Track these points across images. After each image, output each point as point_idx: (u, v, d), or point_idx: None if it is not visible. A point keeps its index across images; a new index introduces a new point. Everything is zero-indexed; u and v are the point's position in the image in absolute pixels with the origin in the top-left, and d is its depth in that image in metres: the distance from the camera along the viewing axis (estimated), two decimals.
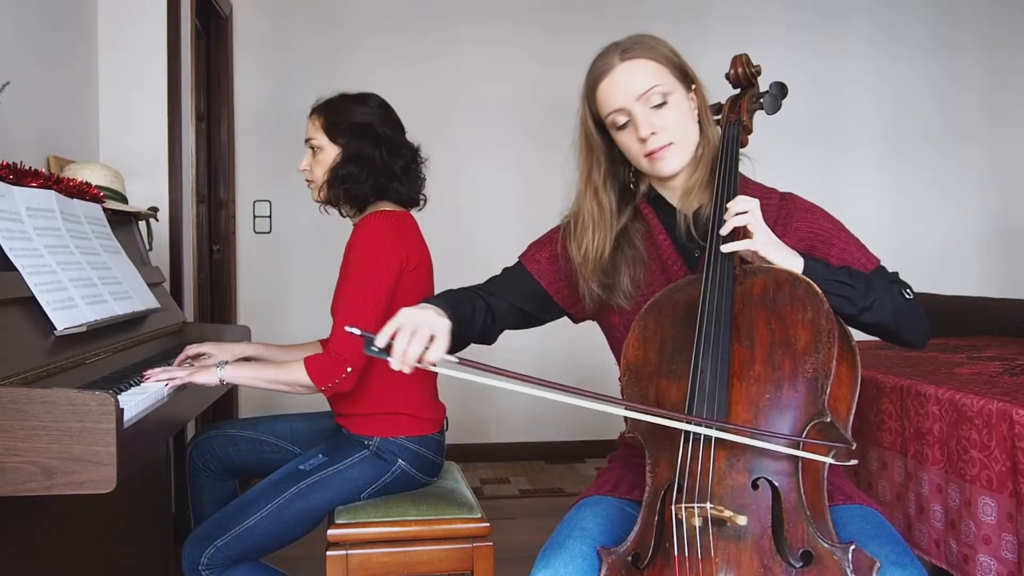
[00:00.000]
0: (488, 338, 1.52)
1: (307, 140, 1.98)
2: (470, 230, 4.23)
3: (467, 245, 4.22)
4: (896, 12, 4.55)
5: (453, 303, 1.39)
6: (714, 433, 1.16)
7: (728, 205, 1.29)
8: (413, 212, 2.05)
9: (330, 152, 1.95)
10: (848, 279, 1.29)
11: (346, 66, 4.11)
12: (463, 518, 1.86)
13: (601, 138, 1.45)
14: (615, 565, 1.19)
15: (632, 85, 1.37)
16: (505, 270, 1.57)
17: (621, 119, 1.39)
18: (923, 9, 4.57)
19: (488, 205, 4.27)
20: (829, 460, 1.18)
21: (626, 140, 1.40)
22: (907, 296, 1.35)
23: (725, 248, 1.27)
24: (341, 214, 2.04)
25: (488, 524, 1.87)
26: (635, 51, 1.38)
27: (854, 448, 1.22)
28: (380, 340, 1.23)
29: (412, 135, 2.07)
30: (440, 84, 4.22)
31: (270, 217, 4.13)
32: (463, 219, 4.21)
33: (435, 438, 1.96)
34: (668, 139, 1.37)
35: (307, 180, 2.01)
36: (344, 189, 1.93)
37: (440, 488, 1.99)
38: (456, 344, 1.37)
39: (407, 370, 1.23)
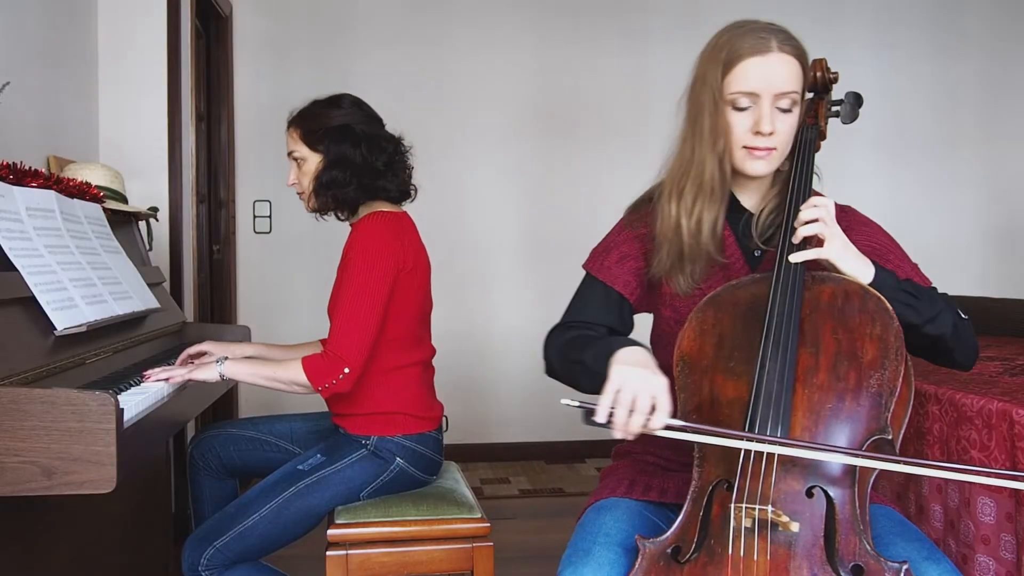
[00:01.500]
0: None
1: (289, 153, 1.99)
2: (469, 230, 4.22)
3: (466, 245, 4.22)
4: (895, 13, 4.55)
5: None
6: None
7: (801, 209, 1.28)
8: (410, 210, 2.05)
9: (312, 161, 1.95)
10: (914, 290, 1.29)
11: (346, 66, 4.11)
12: (463, 518, 1.86)
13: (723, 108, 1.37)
14: (654, 555, 1.18)
15: (778, 79, 1.31)
16: (585, 293, 1.48)
17: (746, 102, 1.32)
18: (923, 10, 4.57)
19: (487, 205, 4.27)
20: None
21: (737, 122, 1.34)
22: (963, 316, 1.35)
23: (794, 258, 1.26)
24: (338, 218, 2.04)
25: (488, 524, 1.87)
26: (792, 46, 1.34)
27: None
28: (600, 416, 1.15)
29: (411, 134, 2.06)
30: (440, 84, 4.22)
31: (270, 217, 4.13)
32: (462, 219, 4.21)
33: (433, 436, 1.96)
34: (776, 143, 1.34)
35: (298, 193, 2.02)
36: (331, 195, 1.93)
37: (440, 488, 1.99)
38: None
39: (630, 438, 1.16)
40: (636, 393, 1.14)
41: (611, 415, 1.14)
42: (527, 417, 4.30)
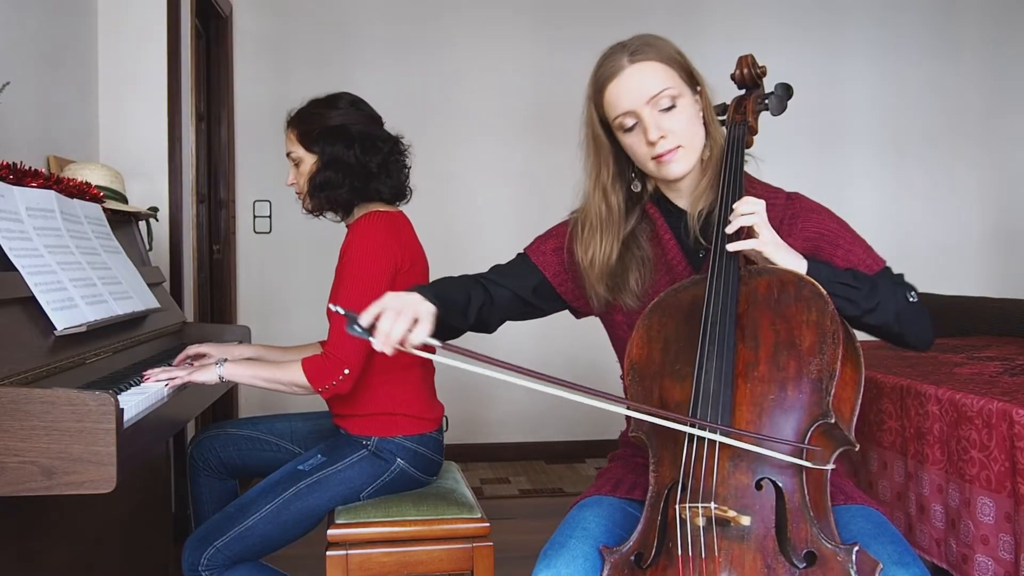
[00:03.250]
0: (487, 326, 1.52)
1: (288, 154, 1.99)
2: (468, 230, 4.23)
3: (465, 245, 4.22)
4: (896, 11, 4.55)
5: (442, 291, 1.39)
6: (717, 438, 1.16)
7: (734, 206, 1.29)
8: (407, 210, 2.05)
9: (308, 162, 1.95)
10: (852, 281, 1.29)
11: (346, 66, 4.12)
12: (463, 518, 1.86)
13: (608, 139, 1.44)
14: (617, 564, 1.19)
15: (642, 88, 1.35)
16: (510, 261, 1.56)
17: (629, 121, 1.37)
18: (923, 9, 4.57)
19: (486, 205, 4.27)
20: (829, 466, 1.19)
21: (633, 143, 1.39)
22: (912, 299, 1.35)
23: (730, 247, 1.27)
24: (332, 219, 2.03)
25: (488, 524, 1.87)
26: (644, 53, 1.37)
27: (857, 449, 1.23)
28: (364, 320, 1.24)
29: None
30: (438, 83, 4.22)
31: (270, 217, 4.13)
32: (461, 219, 4.21)
33: (433, 437, 1.96)
34: (676, 142, 1.36)
35: (296, 194, 2.02)
36: (324, 196, 1.93)
37: (440, 488, 1.99)
38: (447, 332, 1.38)
39: (389, 351, 1.24)
40: (401, 308, 1.25)
41: (375, 326, 1.23)
42: (527, 417, 4.30)
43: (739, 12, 4.34)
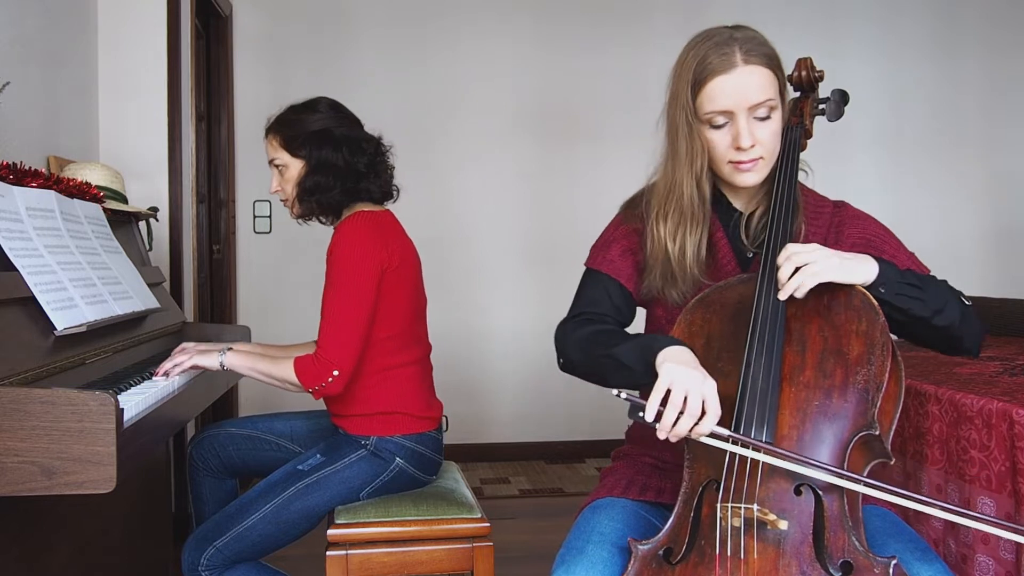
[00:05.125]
0: None
1: (270, 161, 1.99)
2: (469, 230, 4.22)
3: (466, 245, 4.22)
4: (897, 13, 4.55)
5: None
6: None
7: (778, 262, 1.24)
8: (402, 208, 2.05)
9: (294, 167, 1.95)
10: (918, 282, 1.27)
11: (346, 66, 4.12)
12: (463, 518, 1.86)
13: (699, 128, 1.36)
14: (646, 557, 1.18)
15: (748, 93, 1.30)
16: (588, 288, 1.47)
17: (722, 120, 1.32)
18: (924, 10, 4.57)
19: (487, 205, 4.27)
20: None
21: (717, 140, 1.33)
22: (966, 302, 1.33)
23: (781, 295, 1.23)
24: (320, 222, 2.03)
25: (488, 524, 1.87)
26: (757, 54, 1.31)
27: (892, 463, 1.21)
28: (649, 414, 1.14)
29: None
30: (439, 84, 4.22)
31: (270, 217, 4.13)
32: (462, 219, 4.21)
33: (432, 436, 1.96)
34: (760, 153, 1.33)
35: (282, 200, 2.02)
36: (315, 200, 1.93)
37: (440, 488, 1.99)
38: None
39: (673, 440, 1.16)
40: (688, 393, 1.13)
41: (658, 415, 1.13)
42: (527, 417, 4.30)
43: (741, 13, 4.32)
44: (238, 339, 2.40)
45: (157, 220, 2.65)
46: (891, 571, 1.09)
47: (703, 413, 1.13)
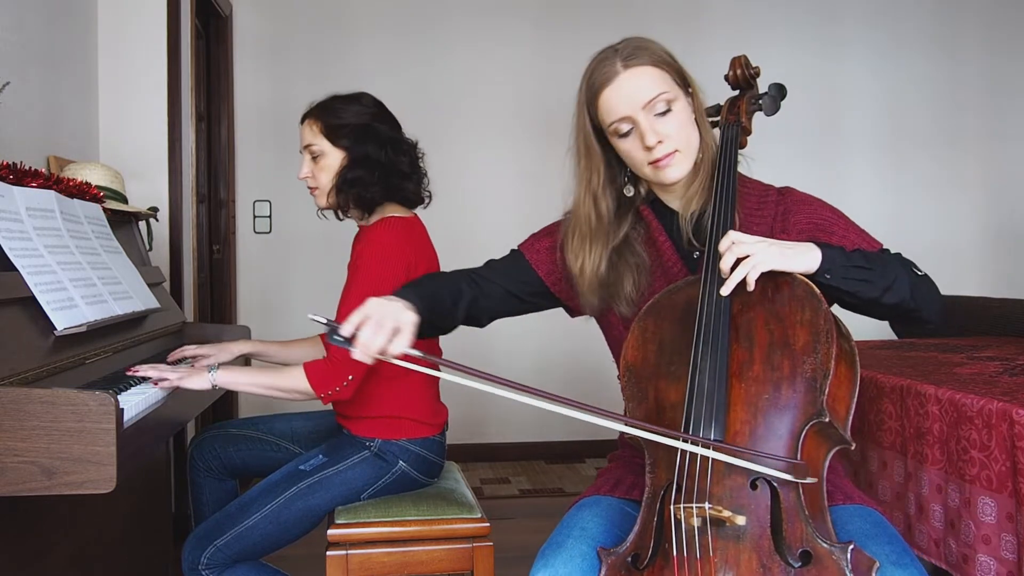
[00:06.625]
0: (477, 321, 1.52)
1: (306, 146, 1.93)
2: (470, 230, 4.22)
3: (465, 245, 4.21)
4: (896, 13, 4.55)
5: (429, 293, 1.39)
6: (710, 454, 1.16)
7: (720, 249, 1.24)
8: (419, 212, 2.04)
9: (334, 156, 1.90)
10: (865, 263, 1.27)
11: (346, 66, 4.12)
12: (463, 518, 1.86)
13: (600, 145, 1.43)
14: (614, 565, 1.19)
15: (638, 93, 1.34)
16: (504, 256, 1.56)
17: (625, 127, 1.36)
18: (923, 10, 4.57)
19: (487, 205, 4.27)
20: (809, 480, 1.16)
21: (629, 148, 1.38)
22: (919, 272, 1.34)
23: (724, 291, 1.23)
24: (338, 217, 2.01)
25: (488, 524, 1.87)
26: (637, 57, 1.35)
27: (853, 448, 1.23)
28: (345, 330, 1.24)
29: (410, 135, 2.06)
30: (440, 84, 4.22)
31: (270, 217, 4.13)
32: (462, 219, 4.21)
33: (436, 440, 1.96)
34: (673, 146, 1.35)
35: (310, 187, 1.95)
36: (354, 193, 1.89)
37: (440, 488, 1.99)
38: (433, 331, 1.39)
39: (369, 361, 1.24)
40: (382, 318, 1.24)
41: (355, 335, 1.23)
42: (527, 417, 4.30)
43: (740, 13, 4.34)
44: (238, 339, 2.40)
45: (157, 220, 2.65)
46: (849, 555, 1.10)
47: (397, 334, 1.24)
